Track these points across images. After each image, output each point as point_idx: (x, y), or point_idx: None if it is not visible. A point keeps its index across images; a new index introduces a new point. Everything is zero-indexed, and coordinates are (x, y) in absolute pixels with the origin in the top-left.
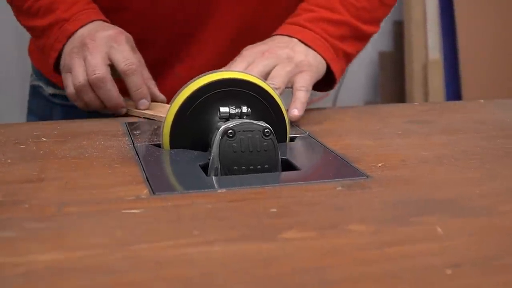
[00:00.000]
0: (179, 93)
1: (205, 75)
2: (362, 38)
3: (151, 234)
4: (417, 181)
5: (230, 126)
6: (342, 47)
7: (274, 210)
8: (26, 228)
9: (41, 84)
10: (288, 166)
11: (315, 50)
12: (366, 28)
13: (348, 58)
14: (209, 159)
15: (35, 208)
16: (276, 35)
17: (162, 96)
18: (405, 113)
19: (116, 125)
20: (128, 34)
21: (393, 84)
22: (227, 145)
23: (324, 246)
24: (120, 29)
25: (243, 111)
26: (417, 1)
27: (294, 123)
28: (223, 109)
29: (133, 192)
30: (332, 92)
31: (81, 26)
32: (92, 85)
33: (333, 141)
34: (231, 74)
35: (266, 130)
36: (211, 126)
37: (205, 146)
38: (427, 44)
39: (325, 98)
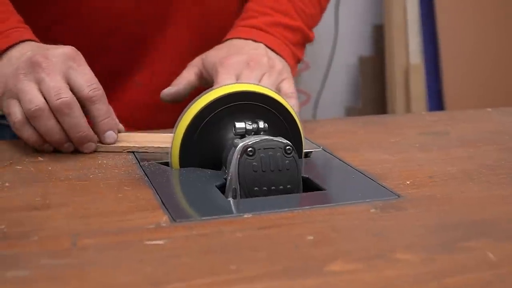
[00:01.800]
0: (188, 108)
1: (214, 89)
2: (305, 43)
3: (184, 270)
4: (451, 200)
5: (249, 143)
6: (297, 54)
7: (311, 237)
8: (40, 265)
9: None
10: (310, 185)
11: (283, 57)
12: (310, 34)
13: (298, 64)
14: (225, 179)
15: (46, 240)
16: (237, 38)
17: (121, 126)
18: (416, 124)
19: None
20: (81, 54)
21: (374, 89)
22: (247, 164)
23: (377, 280)
24: (72, 46)
25: (260, 126)
26: (398, 4)
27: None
28: (239, 125)
29: (152, 220)
30: (312, 98)
31: (13, 45)
32: (56, 111)
33: (351, 156)
34: (243, 87)
35: (287, 147)
36: (224, 143)
37: (217, 164)
38: (408, 48)
39: (306, 104)
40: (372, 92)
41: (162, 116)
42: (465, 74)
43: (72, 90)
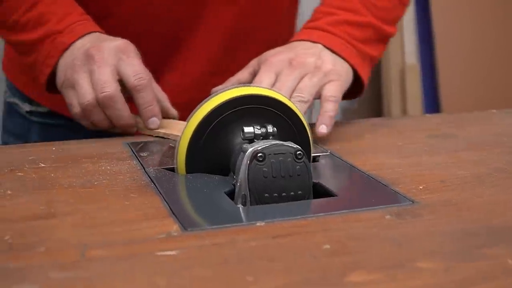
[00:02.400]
0: (195, 112)
1: (220, 92)
2: (384, 39)
3: (199, 283)
4: (466, 205)
5: (259, 148)
6: (367, 50)
7: (328, 246)
8: (49, 278)
9: (16, 101)
10: (321, 191)
11: (341, 57)
12: (387, 29)
13: (372, 62)
14: (233, 185)
15: (54, 252)
16: (296, 40)
17: (174, 111)
18: (422, 127)
19: (119, 146)
20: (133, 46)
21: (369, 89)
22: (257, 170)
23: None
24: (125, 40)
25: (269, 131)
26: None
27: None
28: (248, 129)
29: (162, 229)
30: None
31: (78, 38)
32: (101, 104)
33: (360, 161)
34: (250, 90)
35: (298, 152)
36: (231, 148)
37: (224, 170)
38: (403, 48)
39: None
40: (368, 92)
41: (187, 116)
42: (461, 74)
43: (121, 80)
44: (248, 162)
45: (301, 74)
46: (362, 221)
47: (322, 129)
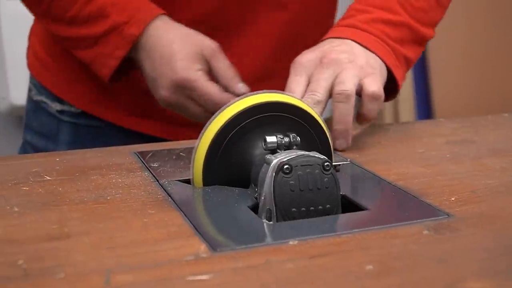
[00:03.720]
0: (212, 121)
1: (239, 99)
2: (421, 42)
3: None
4: (503, 217)
5: (285, 160)
6: (402, 51)
7: (370, 267)
8: None
9: (44, 99)
10: (348, 203)
11: (375, 54)
12: (424, 30)
13: (408, 64)
14: (255, 198)
15: (75, 278)
16: (327, 38)
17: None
18: (438, 132)
19: (126, 156)
20: (190, 47)
21: None
22: (283, 183)
23: None
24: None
25: (292, 140)
26: None
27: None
28: (270, 139)
29: (189, 250)
30: None
31: (145, 28)
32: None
33: (383, 170)
34: (269, 97)
35: (326, 164)
36: (251, 158)
37: (243, 182)
38: None
39: None
40: None
41: None
42: (454, 74)
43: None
44: (274, 174)
45: (335, 71)
46: (400, 238)
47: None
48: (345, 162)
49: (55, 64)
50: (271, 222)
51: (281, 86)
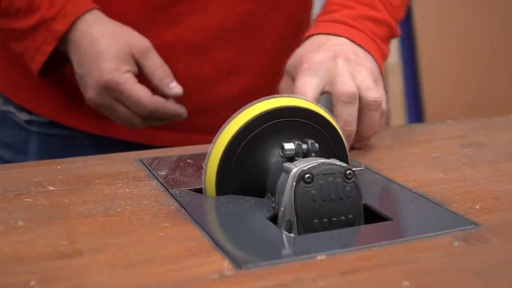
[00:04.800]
0: (224, 127)
1: (253, 105)
2: (392, 40)
3: None
4: None
5: (305, 168)
6: (384, 49)
7: (407, 283)
8: None
9: (12, 109)
10: (370, 213)
11: (371, 54)
12: (398, 29)
13: (384, 62)
14: (273, 208)
15: None
16: (320, 34)
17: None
18: (449, 135)
19: (131, 163)
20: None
21: None
22: (305, 193)
23: None
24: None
25: (310, 147)
26: None
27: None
28: (288, 146)
29: (212, 267)
30: None
31: (71, 24)
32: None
33: (400, 176)
34: (284, 102)
35: (348, 172)
36: (267, 166)
37: (258, 190)
38: None
39: None
40: None
41: (199, 119)
42: (444, 72)
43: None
44: (294, 184)
45: (352, 72)
46: (431, 250)
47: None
48: (360, 168)
49: (16, 72)
50: (291, 234)
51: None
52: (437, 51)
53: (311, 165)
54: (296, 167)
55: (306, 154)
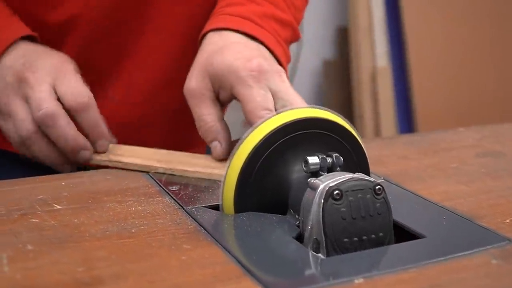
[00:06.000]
0: (241, 142)
1: (270, 118)
2: (292, 43)
3: None
4: None
5: (333, 184)
6: (288, 53)
7: None
8: None
9: None
10: (398, 229)
11: (279, 60)
12: (299, 33)
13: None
14: (297, 226)
15: None
16: (229, 29)
17: (113, 139)
18: (463, 143)
19: (139, 178)
20: (71, 61)
21: (340, 94)
22: (334, 211)
23: None
24: (62, 54)
25: (335, 161)
26: (362, 5)
27: None
28: (313, 160)
29: None
30: None
31: (4, 52)
32: (41, 124)
33: (422, 188)
34: (304, 113)
35: (377, 187)
36: (288, 181)
37: (278, 206)
38: (374, 50)
39: None
40: (338, 97)
41: (142, 135)
42: (434, 76)
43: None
44: (323, 201)
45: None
46: (469, 270)
47: None
48: (379, 181)
49: None
50: (319, 254)
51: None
52: (427, 54)
53: (339, 181)
54: (323, 183)
55: (331, 169)
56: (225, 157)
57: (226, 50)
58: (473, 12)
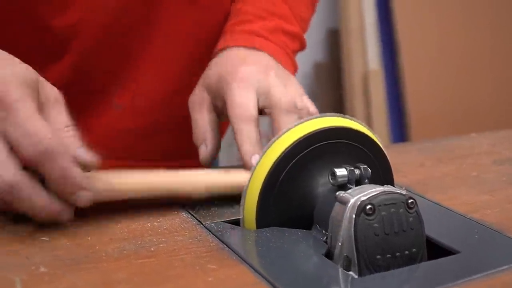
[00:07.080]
0: (264, 154)
1: (293, 128)
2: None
3: None
4: None
5: (364, 198)
6: (295, 63)
7: None
8: None
9: None
10: (430, 244)
11: (289, 71)
12: (305, 43)
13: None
14: (325, 242)
15: None
16: (237, 46)
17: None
18: (478, 150)
19: None
20: (27, 73)
21: (331, 96)
22: (366, 227)
23: None
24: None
25: (363, 173)
26: (354, 7)
27: None
28: (340, 172)
29: None
30: None
31: None
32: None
33: (445, 199)
34: (325, 122)
35: (410, 201)
36: (313, 195)
37: (303, 221)
38: (366, 53)
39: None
40: (330, 100)
41: (146, 144)
42: (426, 78)
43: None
44: (354, 216)
45: (285, 85)
46: (509, 286)
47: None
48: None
49: None
50: (351, 272)
51: None
52: (419, 57)
53: (370, 195)
54: (354, 197)
55: (358, 181)
56: (209, 161)
57: (224, 61)
58: (466, 14)
